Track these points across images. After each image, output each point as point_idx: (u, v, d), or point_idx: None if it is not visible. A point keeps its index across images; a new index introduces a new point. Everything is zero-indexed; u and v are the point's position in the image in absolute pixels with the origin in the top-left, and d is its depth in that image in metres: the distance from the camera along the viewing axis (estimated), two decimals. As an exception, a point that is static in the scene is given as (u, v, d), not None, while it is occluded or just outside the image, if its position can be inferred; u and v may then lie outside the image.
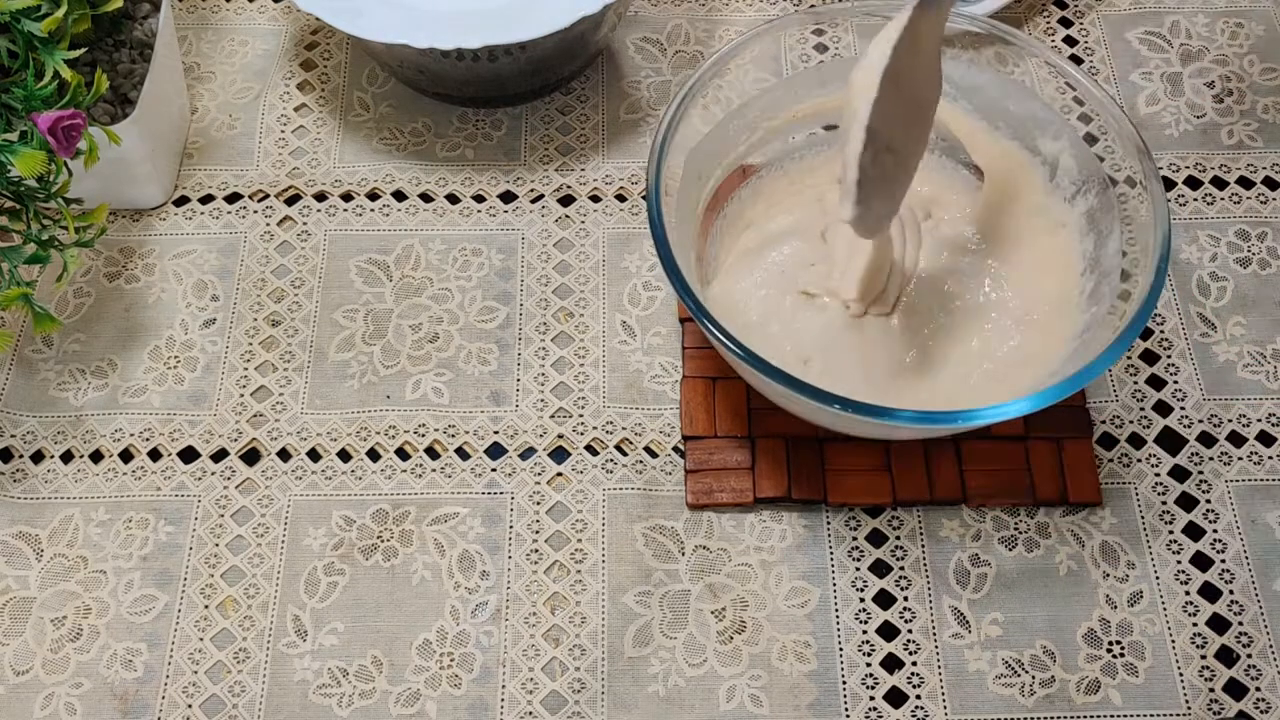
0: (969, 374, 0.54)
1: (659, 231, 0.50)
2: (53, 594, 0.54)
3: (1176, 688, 0.52)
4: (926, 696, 0.52)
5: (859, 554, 0.55)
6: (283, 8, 0.72)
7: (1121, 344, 0.47)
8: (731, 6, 0.72)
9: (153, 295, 0.62)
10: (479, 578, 0.54)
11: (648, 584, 0.54)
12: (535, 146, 0.67)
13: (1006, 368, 0.54)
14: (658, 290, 0.62)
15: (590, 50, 0.67)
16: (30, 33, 0.53)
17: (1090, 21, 0.71)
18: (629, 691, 0.52)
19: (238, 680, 0.52)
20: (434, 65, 0.63)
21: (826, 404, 0.46)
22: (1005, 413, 0.46)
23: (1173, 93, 0.69)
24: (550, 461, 0.57)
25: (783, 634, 0.53)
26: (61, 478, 0.57)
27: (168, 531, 0.55)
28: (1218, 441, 0.58)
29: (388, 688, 0.52)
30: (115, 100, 0.60)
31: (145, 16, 0.62)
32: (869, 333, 0.54)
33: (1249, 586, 0.54)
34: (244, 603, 0.53)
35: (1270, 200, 0.65)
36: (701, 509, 0.56)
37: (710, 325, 0.48)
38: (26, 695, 0.51)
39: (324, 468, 0.57)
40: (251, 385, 0.59)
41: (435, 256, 0.63)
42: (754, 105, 0.57)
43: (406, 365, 0.60)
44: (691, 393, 0.58)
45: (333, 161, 0.66)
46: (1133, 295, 0.49)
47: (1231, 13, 0.72)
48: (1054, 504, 0.55)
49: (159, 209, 0.64)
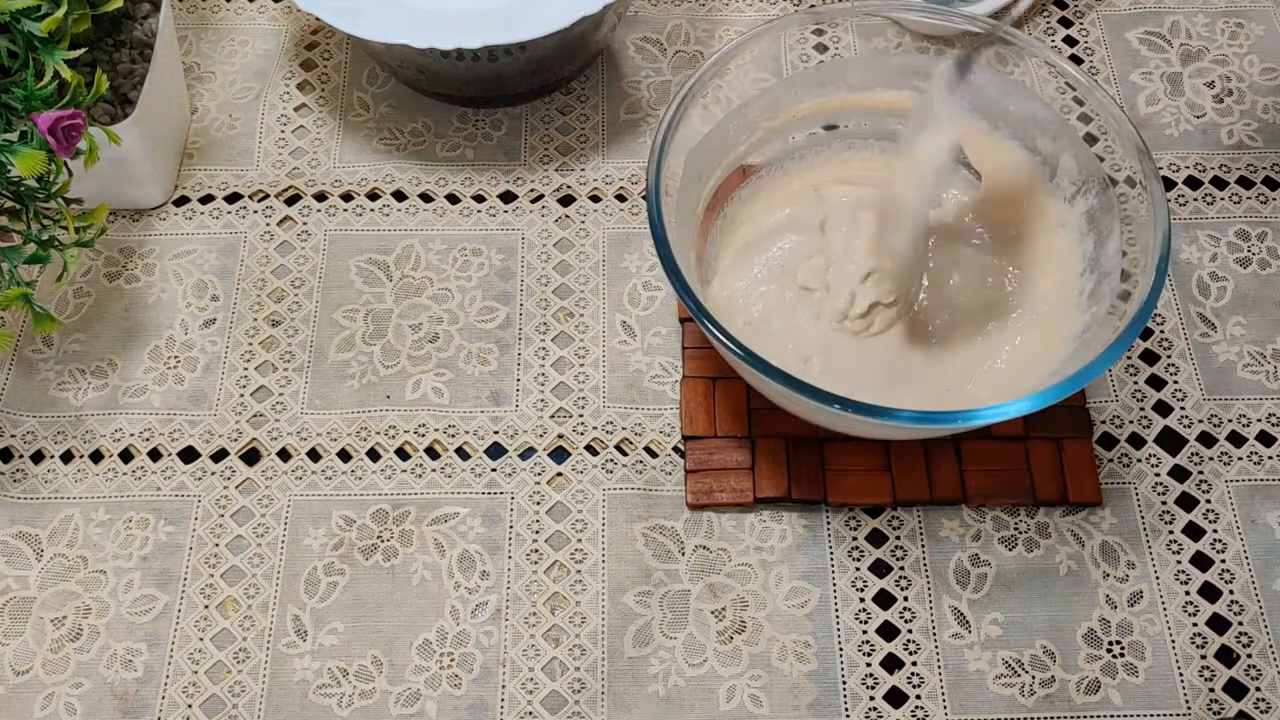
0: (969, 373, 0.54)
1: (659, 231, 0.50)
2: (53, 594, 0.54)
3: (1176, 688, 0.52)
4: (926, 696, 0.52)
5: (859, 554, 0.55)
6: (283, 8, 0.72)
7: (1121, 344, 0.47)
8: (731, 6, 0.72)
9: (153, 295, 0.62)
10: (479, 578, 0.54)
11: (648, 584, 0.54)
12: (535, 146, 0.67)
13: (1007, 367, 0.54)
14: (658, 290, 0.62)
15: (590, 50, 0.67)
16: (30, 33, 0.53)
17: (1090, 21, 0.71)
18: (629, 691, 0.52)
19: (238, 680, 0.52)
20: (434, 65, 0.63)
21: (826, 404, 0.46)
22: (1005, 413, 0.46)
23: (1173, 93, 0.69)
24: (550, 461, 0.57)
25: (783, 634, 0.53)
26: (61, 478, 0.57)
27: (168, 531, 0.55)
28: (1218, 441, 0.58)
29: (388, 688, 0.52)
30: (115, 100, 0.60)
31: (145, 16, 0.62)
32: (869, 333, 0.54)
33: (1249, 586, 0.54)
34: (244, 603, 0.53)
35: (1270, 200, 0.65)
36: (701, 509, 0.56)
37: (710, 325, 0.48)
38: (26, 695, 0.51)
39: (324, 468, 0.57)
40: (251, 385, 0.59)
41: (435, 256, 0.63)
42: (754, 105, 0.57)
43: (406, 365, 0.60)
44: (691, 393, 0.58)
45: (333, 161, 0.66)
46: (1133, 296, 0.49)
47: (1231, 13, 0.72)
48: (1054, 504, 0.55)
49: (159, 209, 0.64)
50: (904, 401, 0.50)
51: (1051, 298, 0.55)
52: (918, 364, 0.54)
